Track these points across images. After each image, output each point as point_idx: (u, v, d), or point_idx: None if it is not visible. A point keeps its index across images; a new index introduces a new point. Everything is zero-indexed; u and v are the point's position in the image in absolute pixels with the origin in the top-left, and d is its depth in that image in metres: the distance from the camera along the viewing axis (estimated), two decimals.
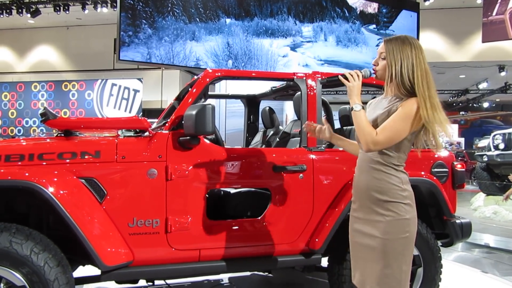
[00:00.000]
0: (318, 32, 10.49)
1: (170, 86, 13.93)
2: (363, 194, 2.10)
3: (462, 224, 3.35)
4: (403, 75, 2.02)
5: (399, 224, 2.01)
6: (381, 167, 2.05)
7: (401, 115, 1.98)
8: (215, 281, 4.01)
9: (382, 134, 1.98)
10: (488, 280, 4.46)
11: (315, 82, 3.14)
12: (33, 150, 2.58)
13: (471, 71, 15.83)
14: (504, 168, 8.65)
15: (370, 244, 2.05)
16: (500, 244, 6.32)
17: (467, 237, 3.42)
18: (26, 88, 13.39)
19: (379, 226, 2.03)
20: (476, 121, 24.80)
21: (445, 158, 3.40)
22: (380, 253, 2.02)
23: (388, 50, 2.05)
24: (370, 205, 2.06)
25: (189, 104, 2.77)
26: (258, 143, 4.29)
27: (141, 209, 2.64)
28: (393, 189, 2.03)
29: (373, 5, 11.01)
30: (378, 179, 2.04)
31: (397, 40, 2.06)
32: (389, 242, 2.01)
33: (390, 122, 1.99)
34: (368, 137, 1.98)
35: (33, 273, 2.27)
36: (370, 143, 1.98)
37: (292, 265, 3.17)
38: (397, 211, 2.02)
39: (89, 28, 14.87)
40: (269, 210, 2.93)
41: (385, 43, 2.08)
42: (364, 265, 2.08)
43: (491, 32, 10.97)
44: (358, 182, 2.14)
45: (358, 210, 2.14)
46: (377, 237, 2.02)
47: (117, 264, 2.52)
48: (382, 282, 2.02)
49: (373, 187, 2.05)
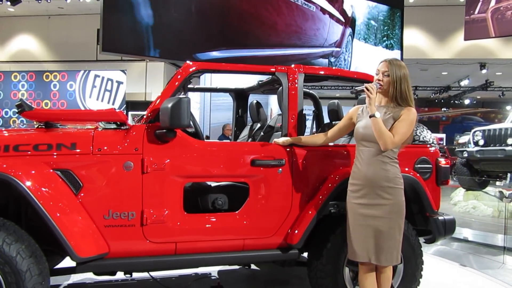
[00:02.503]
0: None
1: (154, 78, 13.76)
2: (370, 183, 2.60)
3: (446, 220, 3.31)
4: (402, 90, 2.60)
5: (400, 206, 2.61)
6: (387, 160, 2.61)
7: (408, 121, 2.58)
8: (203, 274, 4.00)
9: (397, 137, 2.55)
10: (466, 273, 4.56)
11: (297, 76, 3.13)
12: (9, 141, 2.57)
13: (453, 68, 16.04)
14: (484, 164, 8.77)
15: (377, 224, 2.58)
16: (478, 238, 6.43)
17: (451, 233, 3.39)
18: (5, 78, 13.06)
19: (385, 208, 2.58)
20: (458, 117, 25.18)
21: (429, 154, 3.37)
22: (387, 229, 2.57)
23: (391, 71, 2.61)
24: (377, 192, 2.59)
25: (166, 97, 2.75)
26: (246, 137, 4.27)
27: (117, 201, 2.64)
28: (396, 178, 2.61)
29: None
30: (385, 170, 2.59)
31: (396, 62, 2.65)
32: (393, 220, 2.58)
33: (401, 128, 2.56)
34: (388, 139, 2.52)
35: (5, 263, 2.30)
36: (389, 144, 2.53)
37: (269, 259, 3.17)
38: (397, 195, 2.60)
39: (71, 18, 14.57)
40: (247, 204, 2.93)
41: (389, 65, 2.63)
42: (371, 241, 2.60)
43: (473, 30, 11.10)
44: (365, 173, 2.62)
45: (362, 197, 2.63)
46: (383, 217, 2.58)
47: (91, 255, 2.51)
48: (387, 252, 2.59)
49: (381, 177, 2.58)
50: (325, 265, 2.97)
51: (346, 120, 2.90)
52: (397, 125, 2.57)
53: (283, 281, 4.08)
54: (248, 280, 4.07)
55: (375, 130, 2.54)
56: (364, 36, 11.23)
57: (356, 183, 2.69)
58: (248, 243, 2.90)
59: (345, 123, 2.89)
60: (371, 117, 2.55)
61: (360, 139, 2.70)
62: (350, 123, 2.86)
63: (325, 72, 3.44)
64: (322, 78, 3.50)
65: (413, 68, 14.85)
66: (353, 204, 2.68)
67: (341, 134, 2.97)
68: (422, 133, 3.52)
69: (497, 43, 13.89)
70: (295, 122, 3.06)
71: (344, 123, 2.90)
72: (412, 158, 3.29)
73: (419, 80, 18.46)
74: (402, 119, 2.58)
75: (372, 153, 2.63)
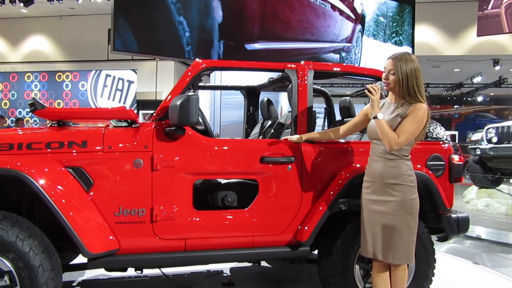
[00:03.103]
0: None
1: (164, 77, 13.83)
2: (377, 179, 2.58)
3: (459, 218, 3.24)
4: (409, 87, 2.51)
5: (408, 203, 2.54)
6: (394, 157, 2.55)
7: (415, 119, 2.49)
8: (215, 271, 4.02)
9: (402, 137, 2.48)
10: (479, 271, 4.49)
11: (307, 73, 3.12)
12: (22, 139, 2.63)
13: (465, 65, 15.82)
14: (497, 161, 8.67)
15: (384, 221, 2.55)
16: (491, 236, 6.35)
17: (464, 232, 3.32)
18: (19, 79, 13.25)
19: (391, 205, 2.53)
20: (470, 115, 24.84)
21: (441, 151, 3.30)
22: (393, 227, 2.53)
23: (397, 67, 2.52)
24: (383, 188, 2.56)
25: (175, 95, 2.77)
26: (257, 134, 4.27)
27: (127, 198, 2.66)
28: (404, 175, 2.54)
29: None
30: (392, 167, 2.55)
31: (402, 58, 2.53)
32: (401, 218, 2.53)
33: (407, 126, 2.49)
34: (392, 140, 2.47)
35: (19, 258, 2.36)
36: (393, 145, 2.48)
37: (279, 256, 3.17)
38: (405, 192, 2.53)
39: (83, 18, 14.71)
40: (256, 201, 2.93)
41: (393, 61, 2.54)
42: (379, 238, 2.57)
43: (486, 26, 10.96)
44: (374, 169, 2.62)
45: (372, 193, 2.62)
46: (390, 214, 2.53)
47: (102, 252, 2.55)
48: (394, 250, 2.55)
49: (387, 174, 2.55)
50: (334, 263, 2.95)
51: (361, 116, 2.86)
52: (403, 123, 2.50)
53: (294, 279, 4.07)
54: (259, 278, 4.07)
55: (378, 131, 2.52)
56: (373, 33, 11.19)
57: (367, 180, 2.68)
58: (257, 240, 2.90)
59: (361, 119, 2.86)
60: (374, 118, 2.52)
61: (371, 136, 2.68)
62: (365, 119, 2.82)
63: (335, 68, 3.42)
64: (332, 74, 3.48)
65: (425, 65, 14.71)
66: (365, 200, 2.67)
67: (356, 129, 2.93)
68: (435, 130, 3.48)
69: (510, 39, 13.66)
70: (304, 118, 3.05)
71: (360, 118, 2.86)
72: (424, 155, 3.24)
73: (431, 77, 18.27)
74: (409, 116, 2.50)
75: (381, 150, 2.60)
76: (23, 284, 2.36)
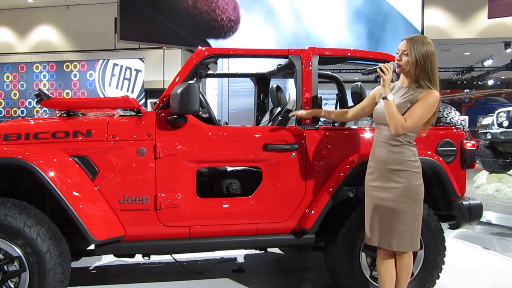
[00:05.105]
0: None
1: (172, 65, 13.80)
2: (381, 165, 2.53)
3: (471, 205, 3.13)
4: (426, 69, 2.43)
5: (412, 189, 2.48)
6: (398, 143, 2.49)
7: (425, 105, 2.42)
8: (228, 258, 4.06)
9: (409, 121, 2.41)
10: (489, 256, 4.48)
11: (311, 59, 3.07)
12: (29, 129, 2.70)
13: (476, 48, 15.58)
14: (508, 145, 8.58)
15: (389, 207, 2.50)
16: (502, 221, 6.32)
17: (477, 219, 3.21)
18: (27, 69, 13.33)
19: (396, 192, 2.48)
20: (481, 99, 24.49)
21: (453, 136, 3.20)
22: (397, 213, 2.48)
23: (411, 49, 2.44)
24: (387, 175, 2.51)
25: (177, 83, 2.77)
26: (267, 121, 4.25)
27: (132, 186, 2.70)
28: (408, 161, 2.48)
29: None
30: (396, 153, 2.49)
31: (418, 40, 2.46)
32: (405, 204, 2.48)
33: (416, 111, 2.42)
34: (398, 123, 2.40)
35: (27, 244, 2.44)
36: (399, 128, 2.41)
37: (283, 244, 3.18)
38: (410, 178, 2.48)
39: (89, 8, 14.71)
40: (260, 188, 2.93)
41: (408, 42, 2.47)
42: (383, 224, 2.53)
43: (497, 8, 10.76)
44: (377, 155, 2.56)
45: (375, 179, 2.57)
46: (394, 201, 2.48)
47: (107, 238, 2.61)
48: (398, 237, 2.50)
49: (391, 159, 2.49)
50: (340, 250, 2.94)
51: (369, 99, 2.79)
52: (412, 108, 2.43)
53: (304, 266, 4.07)
54: (270, 265, 4.08)
55: (386, 113, 2.44)
56: None
57: (370, 165, 2.64)
58: (261, 227, 2.91)
59: (368, 102, 2.79)
60: (384, 99, 2.45)
61: (377, 121, 2.62)
62: (373, 102, 2.74)
63: (341, 53, 3.31)
64: (338, 59, 3.43)
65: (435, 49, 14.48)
66: (368, 187, 2.63)
67: (363, 113, 2.86)
68: (449, 114, 3.41)
69: None
70: (309, 105, 3.02)
71: (368, 102, 2.80)
72: (434, 140, 3.15)
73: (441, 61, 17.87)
74: (419, 102, 2.42)
75: (385, 136, 2.54)
76: (32, 269, 2.44)
